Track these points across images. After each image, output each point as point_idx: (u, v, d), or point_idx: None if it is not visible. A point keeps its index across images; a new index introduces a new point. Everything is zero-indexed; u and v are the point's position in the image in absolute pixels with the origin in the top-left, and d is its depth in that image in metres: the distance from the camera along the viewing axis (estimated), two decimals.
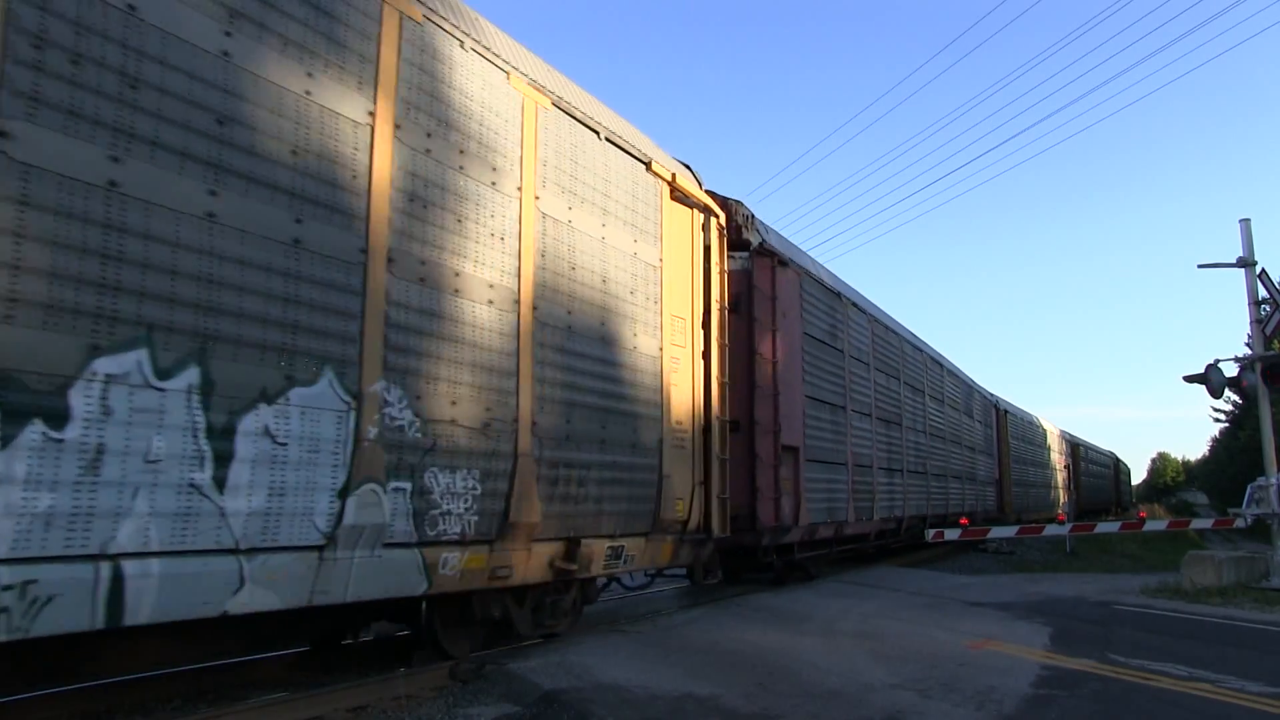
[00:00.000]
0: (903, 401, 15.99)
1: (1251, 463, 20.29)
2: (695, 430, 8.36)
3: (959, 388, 21.83)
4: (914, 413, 16.79)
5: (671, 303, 8.15)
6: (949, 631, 8.30)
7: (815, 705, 5.42)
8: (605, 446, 6.98)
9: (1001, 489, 26.21)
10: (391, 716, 5.10)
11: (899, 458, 15.37)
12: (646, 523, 7.51)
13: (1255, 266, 13.54)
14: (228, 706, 4.92)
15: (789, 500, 10.44)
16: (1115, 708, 5.54)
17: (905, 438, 15.90)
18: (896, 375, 15.78)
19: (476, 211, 5.90)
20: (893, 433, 15.17)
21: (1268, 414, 13.35)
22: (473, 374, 5.74)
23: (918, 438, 16.89)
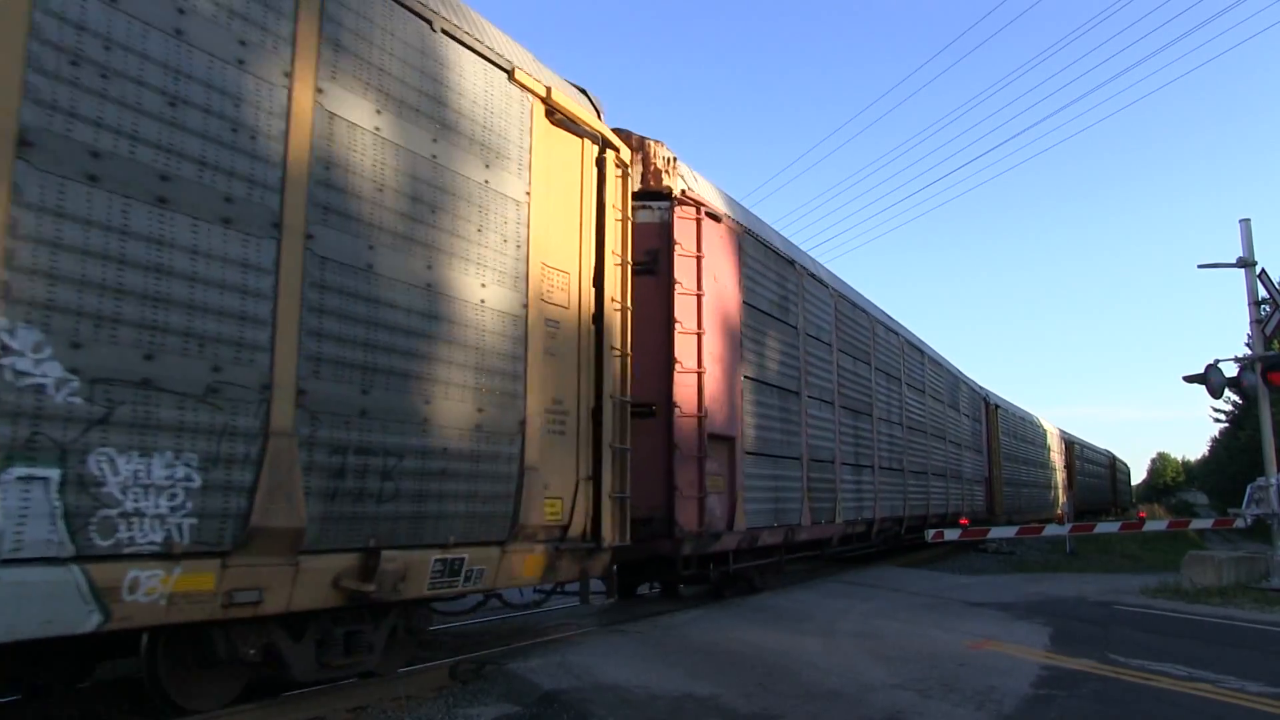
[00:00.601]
0: (874, 389, 14.26)
1: (1251, 463, 20.51)
2: (580, 412, 6.67)
3: (943, 378, 20.03)
4: (888, 403, 15.07)
5: (546, 250, 6.47)
6: (949, 631, 8.22)
7: (815, 705, 5.38)
8: (430, 429, 5.30)
9: (991, 488, 24.60)
10: (391, 716, 5.05)
11: (868, 452, 13.65)
12: (501, 528, 5.81)
13: (1255, 266, 13.49)
14: (228, 707, 4.72)
15: (720, 501, 8.75)
16: (1115, 708, 5.49)
17: (877, 430, 14.18)
18: (866, 360, 14.06)
19: (206, 94, 4.23)
20: (861, 424, 13.46)
21: (1268, 414, 13.28)
22: (187, 317, 4.05)
23: (893, 430, 15.18)
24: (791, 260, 11.29)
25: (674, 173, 8.49)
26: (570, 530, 6.48)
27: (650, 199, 8.42)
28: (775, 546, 10.39)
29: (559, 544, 6.39)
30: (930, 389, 18.55)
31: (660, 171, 8.41)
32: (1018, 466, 29.07)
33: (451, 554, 5.42)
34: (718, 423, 8.62)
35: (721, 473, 8.80)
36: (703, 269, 8.54)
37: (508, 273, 6.04)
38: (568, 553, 6.48)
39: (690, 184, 8.77)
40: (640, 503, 7.91)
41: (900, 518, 15.27)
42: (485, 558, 5.70)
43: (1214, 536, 26.73)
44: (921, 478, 17.03)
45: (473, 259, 5.75)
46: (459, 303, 5.61)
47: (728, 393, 8.92)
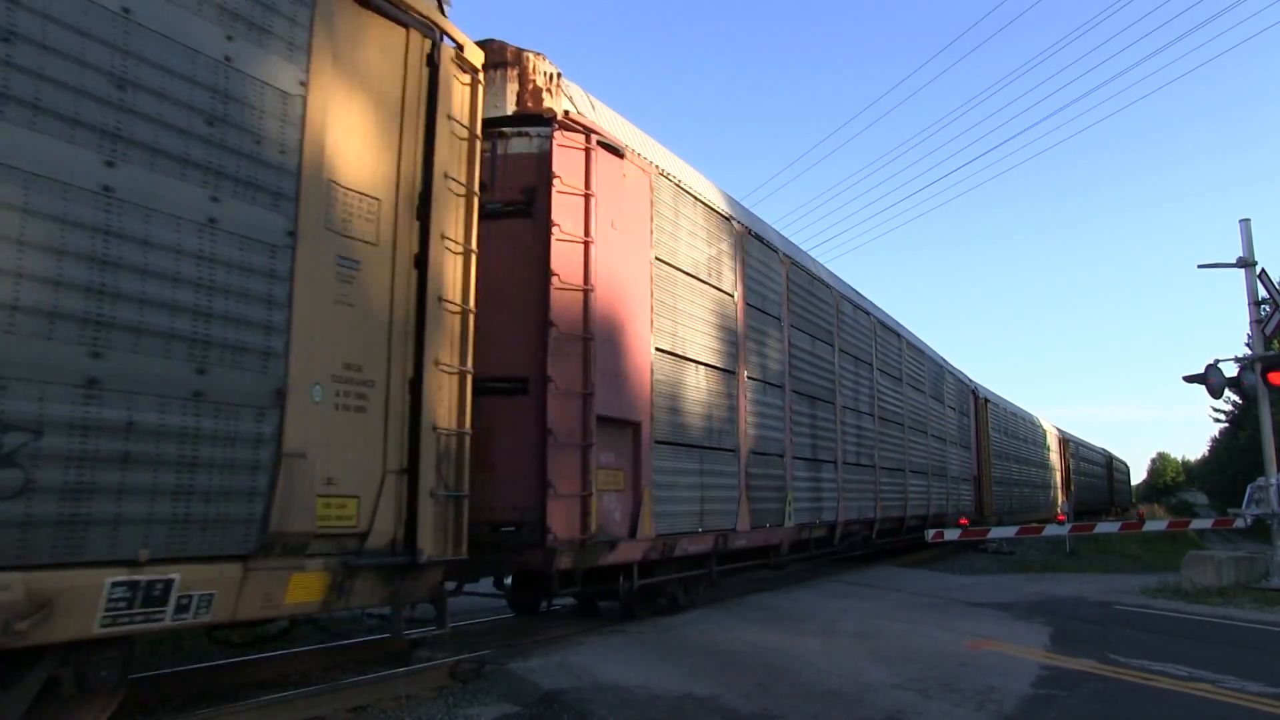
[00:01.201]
0: (838, 374, 12.54)
1: (1251, 463, 20.43)
2: (392, 384, 5.03)
3: (924, 366, 18.13)
4: (856, 390, 13.34)
5: (340, 165, 4.82)
6: (949, 631, 8.21)
7: (815, 705, 5.38)
8: (101, 394, 3.65)
9: (980, 488, 22.79)
10: (391, 716, 5.05)
11: (830, 446, 11.95)
12: (242, 537, 4.16)
13: (1255, 266, 13.47)
14: (227, 706, 4.72)
15: (619, 501, 7.08)
16: (1115, 708, 5.48)
17: (842, 421, 12.49)
18: (829, 340, 12.34)
19: None
20: (821, 413, 11.77)
21: (1268, 414, 13.24)
22: None
23: (862, 422, 13.47)
24: (728, 216, 9.55)
25: (557, 92, 6.81)
26: (371, 539, 4.83)
27: (528, 124, 6.75)
28: (704, 555, 8.71)
29: (354, 558, 4.75)
30: (909, 377, 16.75)
31: (540, 90, 6.74)
32: (1009, 465, 27.29)
33: (145, 574, 3.77)
34: (613, 403, 6.94)
35: (620, 466, 7.13)
36: (594, 212, 6.83)
37: (263, 188, 4.39)
38: (367, 570, 4.83)
39: (582, 108, 7.09)
40: (504, 503, 6.29)
41: (871, 520, 13.56)
42: (213, 578, 4.05)
43: (1214, 536, 26.83)
44: (897, 475, 15.28)
45: (196, 162, 4.09)
46: (165, 220, 3.95)
47: (629, 368, 7.25)
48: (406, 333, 5.15)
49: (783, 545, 10.40)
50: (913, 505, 16.03)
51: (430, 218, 5.33)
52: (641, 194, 7.71)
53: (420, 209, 5.33)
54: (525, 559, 6.27)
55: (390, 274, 5.10)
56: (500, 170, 6.73)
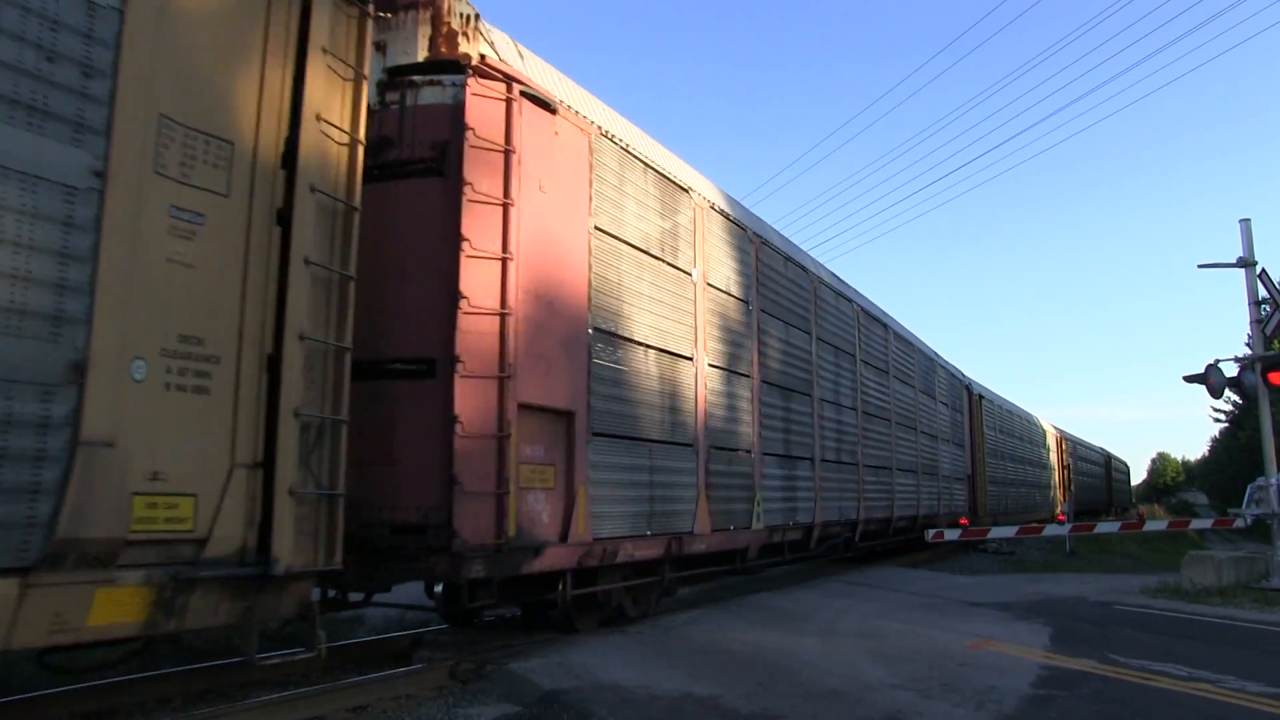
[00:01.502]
0: (816, 364, 11.66)
1: (1251, 463, 20.40)
2: (241, 359, 4.23)
3: (913, 358, 17.15)
4: (836, 382, 12.46)
5: (175, 97, 4.03)
6: (949, 632, 8.19)
7: (815, 705, 5.35)
8: None
9: (974, 487, 21.79)
10: (391, 716, 5.03)
11: (806, 442, 11.09)
12: (21, 544, 3.34)
13: (1255, 266, 13.49)
14: (227, 706, 4.74)
15: (547, 500, 6.22)
16: (1115, 708, 5.45)
17: (820, 415, 11.63)
18: (805, 328, 11.47)
19: None
20: (796, 406, 10.94)
21: (1268, 414, 13.20)
22: None
23: (843, 416, 12.62)
24: (686, 188, 8.68)
25: (475, 36, 5.99)
26: (212, 547, 4.03)
27: (441, 72, 5.94)
28: (654, 561, 7.90)
29: (186, 569, 3.95)
30: (897, 370, 15.78)
31: (455, 34, 5.93)
32: (1005, 464, 26.24)
33: None
34: (539, 390, 6.12)
35: (550, 461, 6.29)
36: (516, 171, 5.97)
37: (63, 117, 3.59)
38: (207, 583, 4.03)
39: (506, 55, 6.27)
40: (407, 502, 5.51)
41: (854, 521, 12.69)
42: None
43: (1214, 536, 26.87)
44: (883, 474, 14.31)
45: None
46: None
47: (561, 350, 6.42)
48: (265, 300, 4.36)
49: (750, 549, 9.57)
50: (900, 505, 15.03)
51: (297, 167, 4.53)
52: (578, 156, 6.88)
53: (286, 157, 4.53)
54: (428, 567, 5.48)
55: (245, 231, 4.31)
56: (409, 124, 5.92)
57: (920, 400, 17.24)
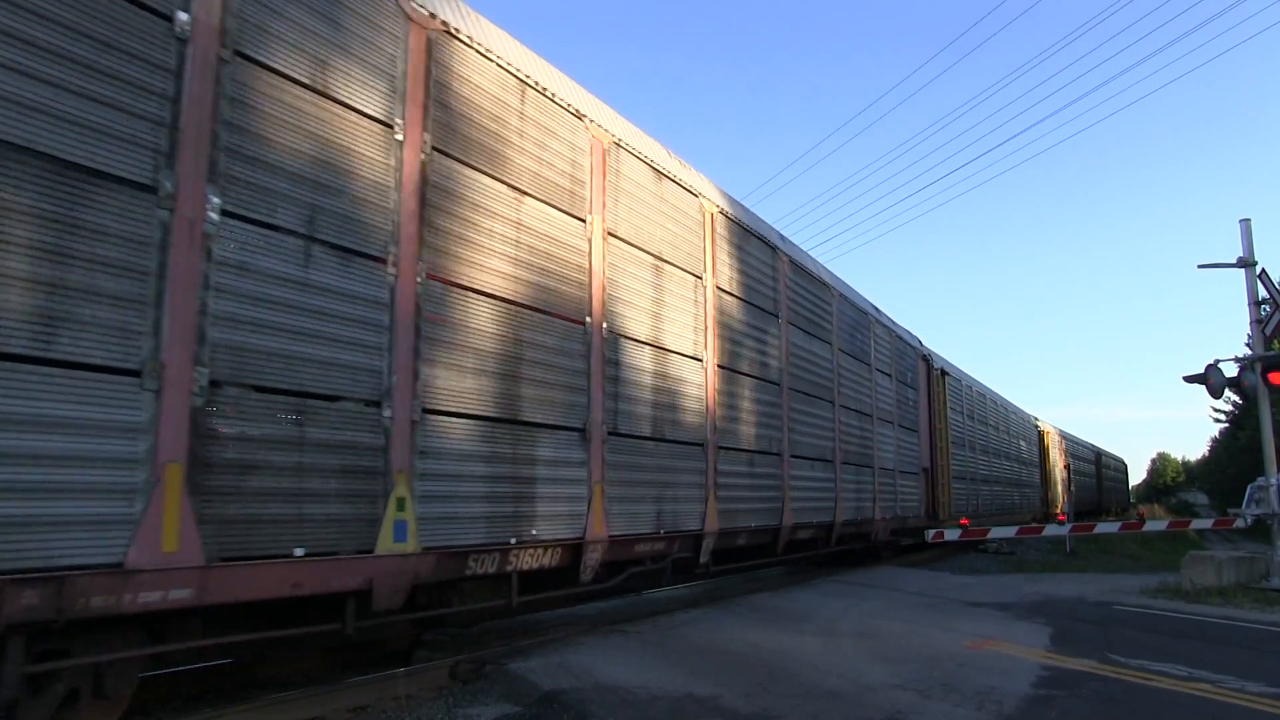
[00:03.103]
0: (595, 268, 7.49)
1: (1251, 463, 20.84)
2: None
3: (826, 303, 12.77)
4: (655, 316, 8.40)
5: None
6: (949, 632, 8.15)
7: (815, 705, 5.34)
8: None
9: (933, 483, 18.31)
10: (391, 716, 5.02)
11: (559, 403, 6.88)
12: None
13: (1255, 266, 13.52)
14: (227, 706, 4.73)
15: None
16: (1116, 708, 5.44)
17: (601, 360, 7.46)
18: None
19: None
20: (539, 338, 6.78)
21: (1268, 414, 13.25)
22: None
23: (666, 367, 8.52)
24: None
25: None
26: None
27: None
28: None
29: None
30: (805, 318, 11.85)
31: None
32: (976, 457, 22.70)
33: None
34: None
35: None
36: None
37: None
38: None
39: None
40: None
41: (695, 534, 8.56)
42: None
43: (1214, 536, 27.16)
44: (766, 464, 10.26)
45: None
46: None
47: None
48: None
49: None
50: (803, 509, 11.15)
51: None
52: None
53: None
54: None
55: None
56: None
57: (843, 364, 13.16)
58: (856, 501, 13.41)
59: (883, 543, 15.27)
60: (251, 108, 4.81)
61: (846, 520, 12.84)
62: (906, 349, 17.08)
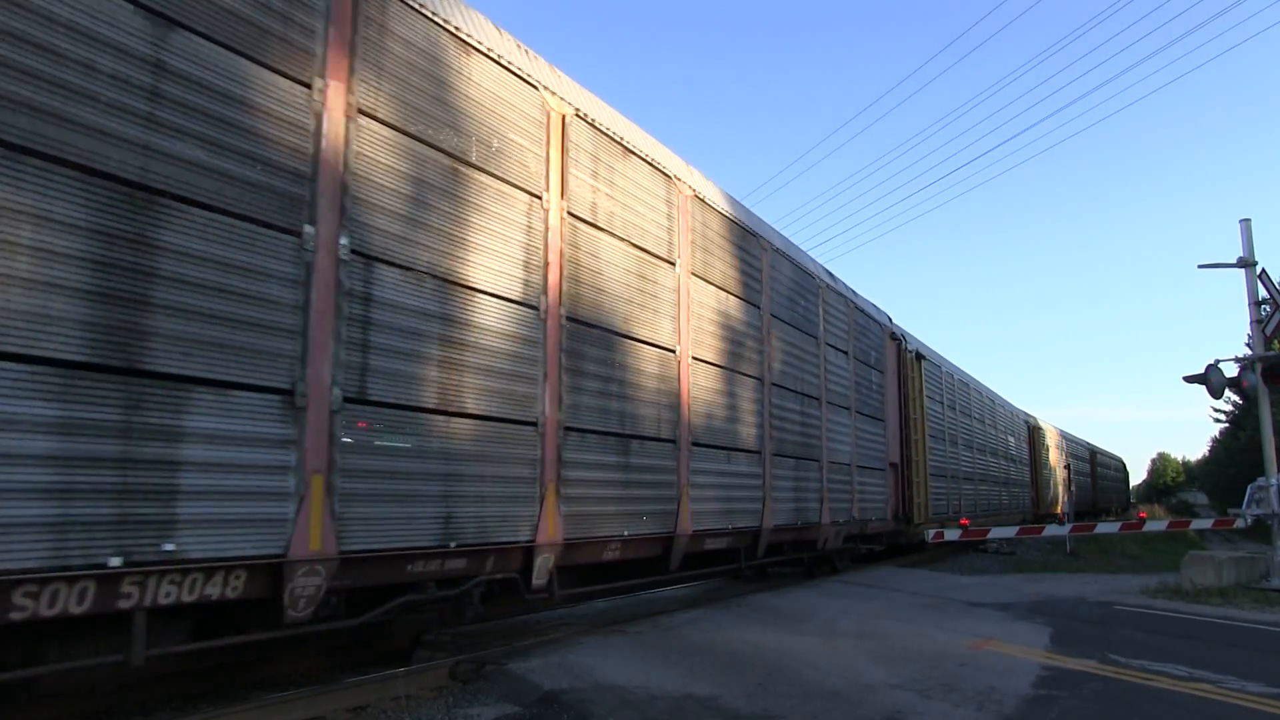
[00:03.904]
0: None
1: (1251, 463, 20.68)
2: None
3: (753, 256, 10.53)
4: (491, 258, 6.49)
5: None
6: (949, 632, 8.13)
7: (815, 705, 5.34)
8: None
9: (906, 481, 16.09)
10: (391, 716, 5.02)
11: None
12: None
13: (1255, 267, 13.50)
14: (227, 706, 4.75)
15: None
16: (1116, 708, 5.43)
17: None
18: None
19: None
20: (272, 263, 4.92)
21: (1268, 414, 13.21)
22: None
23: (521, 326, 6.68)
24: None
25: None
26: None
27: None
28: None
29: None
30: (720, 270, 9.59)
31: None
32: (958, 452, 20.57)
33: None
34: None
35: None
36: None
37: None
38: None
39: None
40: None
41: (522, 547, 6.44)
42: None
43: (1214, 536, 27.10)
44: (661, 451, 8.14)
45: None
46: None
47: None
48: None
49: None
50: (714, 512, 9.00)
51: None
52: None
53: None
54: None
55: None
56: None
57: (778, 334, 10.83)
58: (796, 502, 11.06)
59: (835, 551, 12.98)
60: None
61: (781, 525, 10.45)
62: (870, 324, 14.71)
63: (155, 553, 4.14)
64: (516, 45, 7.02)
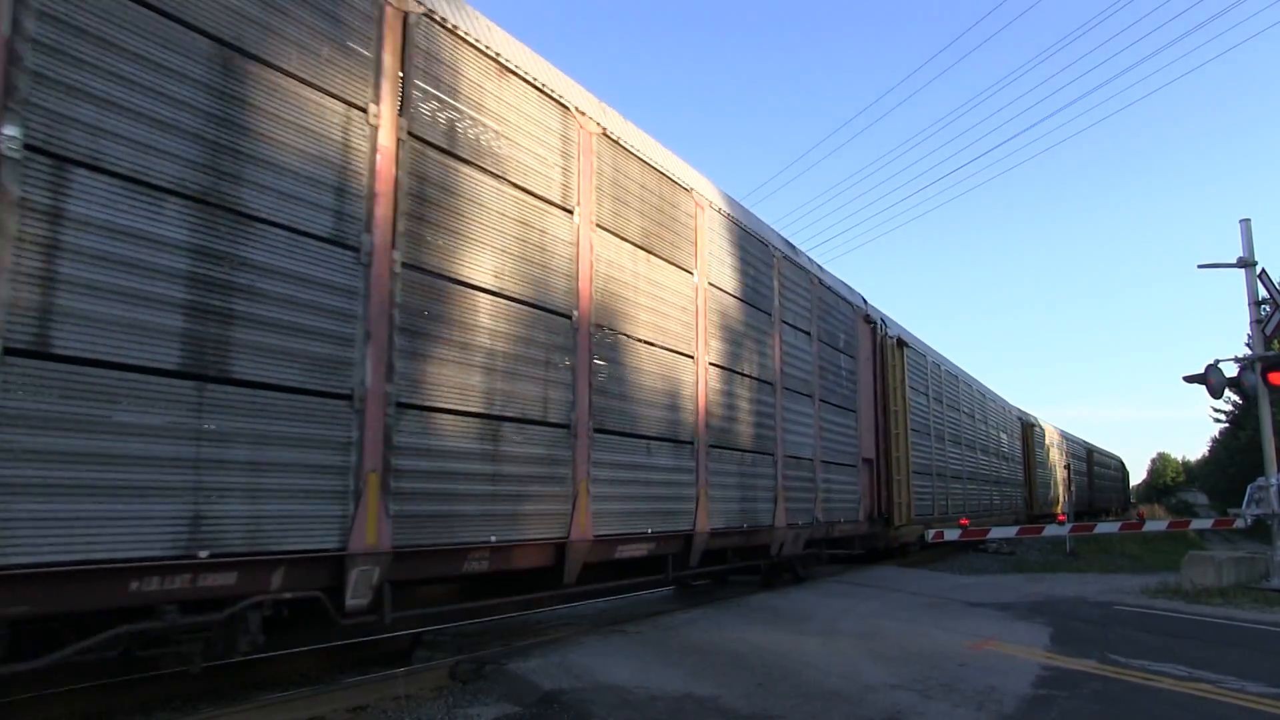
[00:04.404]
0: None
1: (1251, 463, 20.70)
2: None
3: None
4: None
5: None
6: (949, 632, 8.15)
7: (815, 706, 5.35)
8: None
9: (884, 480, 14.66)
10: (391, 716, 5.03)
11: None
12: None
13: (1255, 266, 13.51)
14: (227, 706, 4.79)
15: None
16: (1116, 708, 5.44)
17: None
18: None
19: None
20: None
21: (1268, 414, 13.23)
22: None
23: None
24: None
25: None
26: None
27: None
28: None
29: None
30: (638, 226, 8.06)
31: None
32: (944, 449, 19.00)
33: None
34: None
35: None
36: None
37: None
38: None
39: None
40: None
41: (328, 556, 4.89)
42: None
43: (1214, 536, 27.03)
44: (550, 438, 6.65)
45: None
46: None
47: None
48: None
49: None
50: (625, 513, 7.51)
51: None
52: None
53: None
54: None
55: None
56: None
57: (718, 306, 9.41)
58: (742, 502, 9.62)
59: (794, 557, 11.48)
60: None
61: (722, 528, 9.07)
62: (839, 304, 13.20)
63: None
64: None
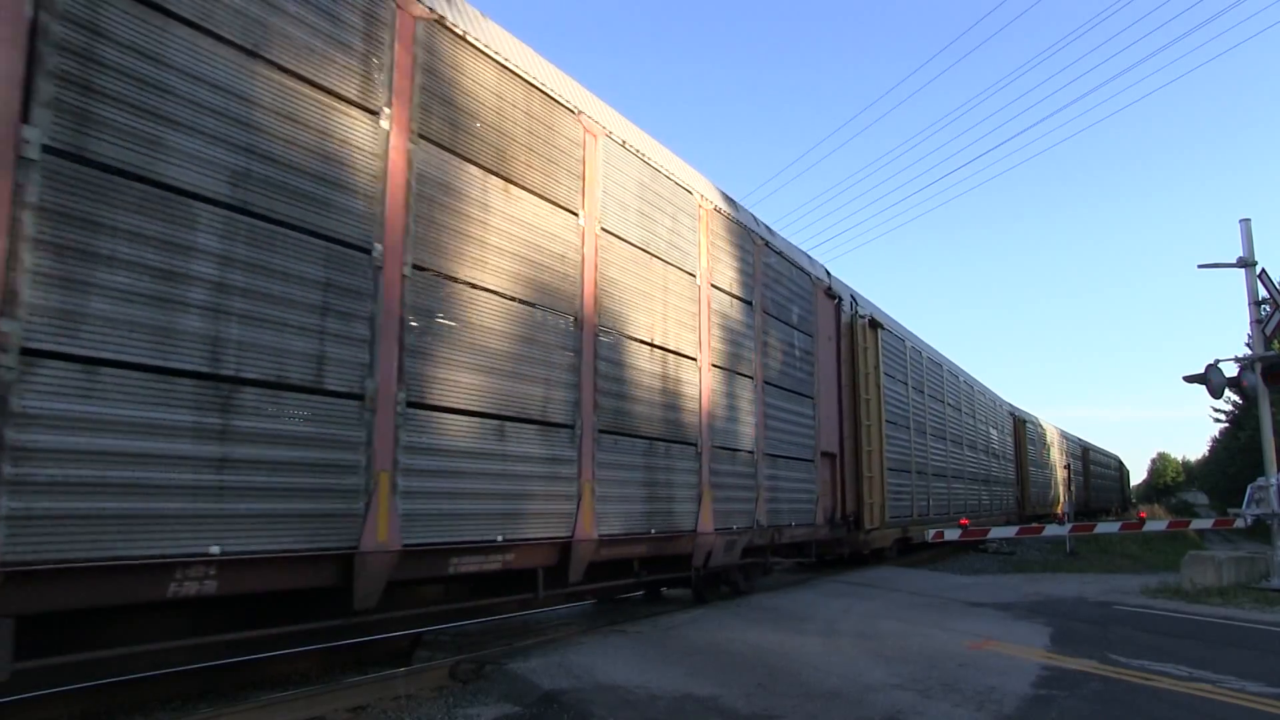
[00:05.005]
0: None
1: (1251, 463, 20.36)
2: None
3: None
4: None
5: None
6: (949, 632, 8.14)
7: (815, 705, 5.34)
8: None
9: (851, 475, 13.24)
10: (391, 716, 5.02)
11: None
12: None
13: (1255, 266, 13.50)
14: (227, 706, 4.78)
15: None
16: (1116, 708, 5.43)
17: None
18: None
19: None
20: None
21: (1268, 414, 13.18)
22: None
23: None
24: None
25: None
26: None
27: None
28: None
29: None
30: (519, 163, 6.50)
31: None
32: (925, 443, 17.45)
33: None
34: None
35: None
36: None
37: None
38: None
39: None
40: None
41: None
42: None
43: (1214, 536, 27.06)
44: (335, 413, 4.99)
45: None
46: None
47: None
48: None
49: None
50: (477, 515, 5.88)
51: None
52: None
53: None
54: None
55: None
56: None
57: (611, 254, 7.62)
58: (649, 502, 7.95)
59: (730, 567, 9.81)
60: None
61: (618, 534, 7.48)
62: (791, 272, 11.33)
63: None
64: None
